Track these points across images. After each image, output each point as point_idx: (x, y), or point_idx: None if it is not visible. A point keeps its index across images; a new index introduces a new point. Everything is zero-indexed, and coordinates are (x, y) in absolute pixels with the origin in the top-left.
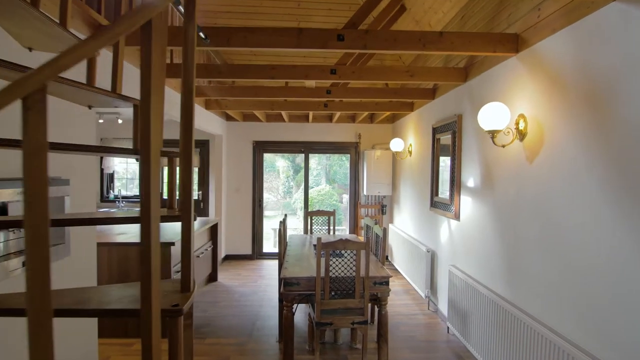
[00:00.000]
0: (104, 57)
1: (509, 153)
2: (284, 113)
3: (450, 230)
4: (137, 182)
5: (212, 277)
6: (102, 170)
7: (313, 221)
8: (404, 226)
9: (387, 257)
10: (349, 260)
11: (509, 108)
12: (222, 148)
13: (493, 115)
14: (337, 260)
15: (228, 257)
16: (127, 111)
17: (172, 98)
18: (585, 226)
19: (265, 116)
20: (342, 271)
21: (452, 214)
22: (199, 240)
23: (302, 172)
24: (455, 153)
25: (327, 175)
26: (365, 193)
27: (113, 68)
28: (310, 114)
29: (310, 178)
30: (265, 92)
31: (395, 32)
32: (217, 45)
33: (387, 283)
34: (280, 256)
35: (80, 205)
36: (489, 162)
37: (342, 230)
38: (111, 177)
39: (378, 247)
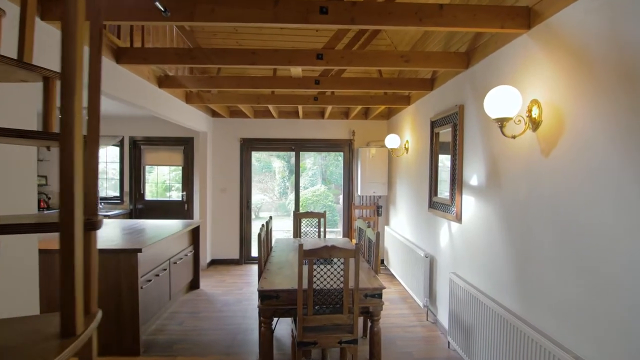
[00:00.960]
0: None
1: (520, 145)
2: (271, 108)
3: (450, 234)
4: (114, 182)
5: (194, 285)
6: None
7: (304, 223)
8: (401, 228)
9: (382, 261)
10: (336, 269)
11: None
12: (207, 146)
13: (502, 101)
14: (322, 269)
15: (214, 262)
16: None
17: (168, 101)
18: (613, 231)
19: (253, 112)
20: (329, 282)
21: (453, 216)
22: (178, 244)
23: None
24: (456, 148)
25: (322, 176)
26: (359, 193)
27: (20, 29)
28: (300, 108)
29: (306, 178)
30: (248, 83)
31: (388, 4)
32: (179, 20)
33: (379, 296)
34: (261, 264)
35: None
36: (495, 156)
37: (337, 232)
38: None
39: (371, 253)
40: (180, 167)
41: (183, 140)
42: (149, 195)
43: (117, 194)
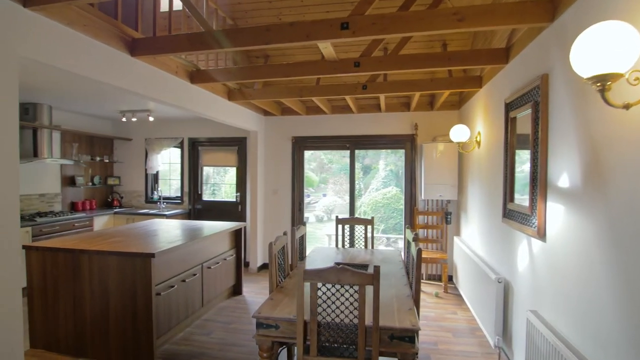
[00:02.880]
0: None
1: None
2: (317, 100)
3: (530, 254)
4: (177, 182)
5: (236, 290)
6: (145, 171)
7: (349, 230)
8: (472, 241)
9: (451, 278)
10: (350, 297)
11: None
12: (258, 145)
13: (605, 46)
14: (333, 295)
15: (265, 266)
16: (160, 108)
17: (207, 99)
18: None
19: (305, 108)
20: (342, 314)
21: (534, 230)
22: (213, 247)
23: (372, 174)
24: (537, 134)
25: (397, 177)
26: (423, 197)
27: None
28: (349, 99)
29: (378, 180)
30: (280, 71)
31: None
32: None
33: (411, 339)
34: (272, 281)
35: None
36: (596, 142)
37: (388, 239)
38: (155, 177)
39: (412, 275)
40: (235, 168)
41: (236, 140)
42: (206, 196)
43: (179, 194)
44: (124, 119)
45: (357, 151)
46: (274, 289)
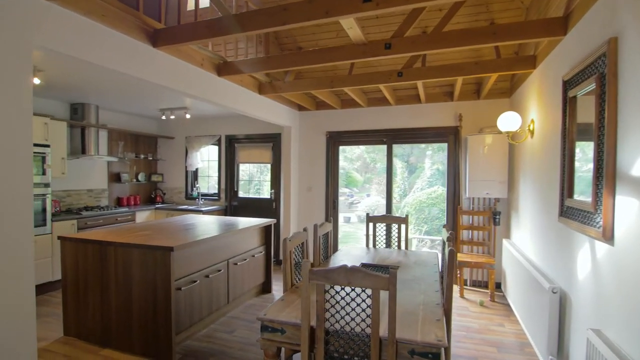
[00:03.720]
0: None
1: None
2: (352, 92)
3: (593, 260)
4: (215, 179)
5: (265, 288)
6: (185, 168)
7: (386, 230)
8: (523, 244)
9: (499, 285)
10: (364, 302)
11: None
12: (292, 141)
13: None
14: (343, 300)
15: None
16: (197, 106)
17: (235, 92)
18: None
19: (340, 102)
20: (352, 320)
21: (598, 231)
22: (241, 244)
23: (417, 173)
24: (603, 114)
25: (443, 176)
26: (467, 195)
27: None
28: (384, 89)
29: (423, 180)
30: (306, 59)
31: None
32: None
33: (436, 357)
34: (286, 281)
35: None
36: None
37: (432, 241)
38: (195, 175)
39: (444, 280)
40: (269, 164)
41: (271, 136)
42: (242, 193)
43: (217, 191)
44: (163, 117)
45: (399, 148)
46: (288, 288)
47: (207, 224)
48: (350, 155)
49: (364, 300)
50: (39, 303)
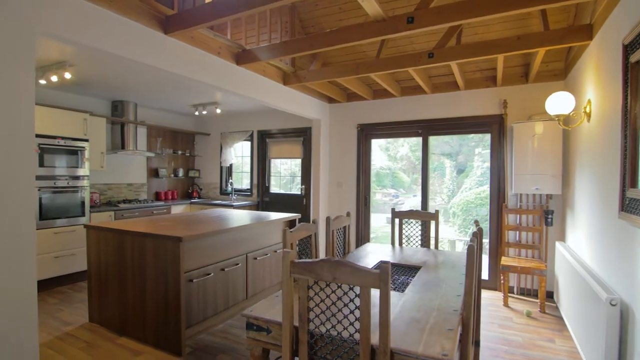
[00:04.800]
0: None
1: None
2: (382, 81)
3: None
4: (247, 175)
5: None
6: (220, 164)
7: (422, 228)
8: (579, 247)
9: (550, 294)
10: (352, 302)
11: None
12: (321, 135)
13: None
14: (328, 298)
15: None
16: (228, 101)
17: (256, 81)
18: None
19: (371, 92)
20: (339, 323)
21: None
22: (265, 237)
23: (466, 172)
24: None
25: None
26: (513, 191)
27: None
28: (418, 77)
29: (472, 179)
30: (324, 41)
31: None
32: None
33: None
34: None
35: None
36: None
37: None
38: (229, 170)
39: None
40: (300, 159)
41: (301, 130)
42: (273, 188)
43: (249, 186)
44: (196, 113)
45: (446, 147)
46: None
47: (229, 218)
48: (393, 154)
49: (352, 300)
50: (75, 290)
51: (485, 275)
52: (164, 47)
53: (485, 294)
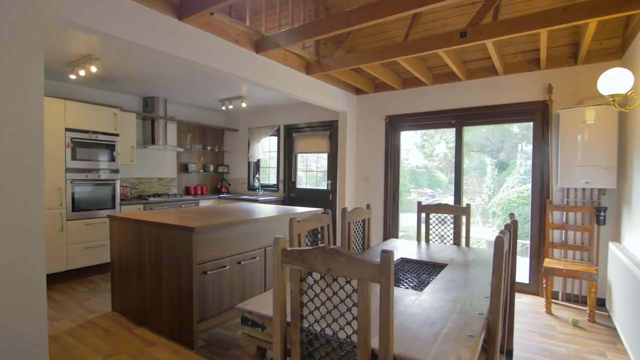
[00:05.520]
0: None
1: None
2: (411, 67)
3: None
4: (274, 170)
5: None
6: (248, 159)
7: (454, 223)
8: (638, 249)
9: (601, 301)
10: (349, 298)
11: None
12: (347, 127)
13: None
14: (323, 292)
15: None
16: (253, 95)
17: (276, 70)
18: None
19: (401, 82)
20: (335, 322)
21: None
22: (285, 231)
23: (508, 170)
24: None
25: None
26: (559, 185)
27: None
28: (450, 61)
29: (515, 177)
30: (342, 21)
31: None
32: None
33: None
34: None
35: None
36: None
37: (523, 246)
38: (257, 166)
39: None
40: (326, 154)
41: (328, 124)
42: (300, 184)
43: (276, 182)
44: (223, 108)
45: (487, 142)
46: None
47: (249, 211)
48: (429, 151)
49: (349, 296)
50: (105, 279)
51: (525, 278)
52: (179, 34)
53: (525, 299)
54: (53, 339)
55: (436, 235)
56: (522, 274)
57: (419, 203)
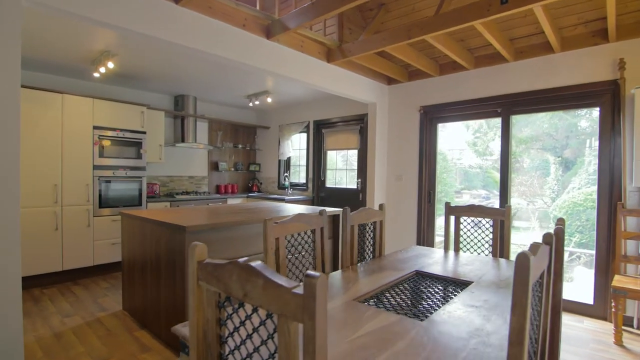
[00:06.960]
0: None
1: None
2: (447, 49)
3: None
4: (304, 168)
5: None
6: (278, 157)
7: (498, 228)
8: None
9: None
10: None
11: None
12: (376, 120)
13: None
14: (251, 321)
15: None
16: (280, 90)
17: (291, 57)
18: None
19: (437, 67)
20: None
21: None
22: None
23: (574, 169)
24: None
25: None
26: (633, 185)
27: None
28: (489, 36)
29: (581, 177)
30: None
31: None
32: None
33: None
34: None
35: None
36: None
37: (589, 256)
38: (287, 164)
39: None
40: (356, 150)
41: (358, 118)
42: (329, 182)
43: (305, 180)
44: (250, 104)
45: (549, 140)
46: None
47: (268, 211)
48: (481, 149)
49: (270, 337)
50: None
51: (589, 297)
52: (175, 18)
53: (588, 324)
54: (57, 336)
55: (470, 243)
56: (586, 292)
57: (447, 204)
